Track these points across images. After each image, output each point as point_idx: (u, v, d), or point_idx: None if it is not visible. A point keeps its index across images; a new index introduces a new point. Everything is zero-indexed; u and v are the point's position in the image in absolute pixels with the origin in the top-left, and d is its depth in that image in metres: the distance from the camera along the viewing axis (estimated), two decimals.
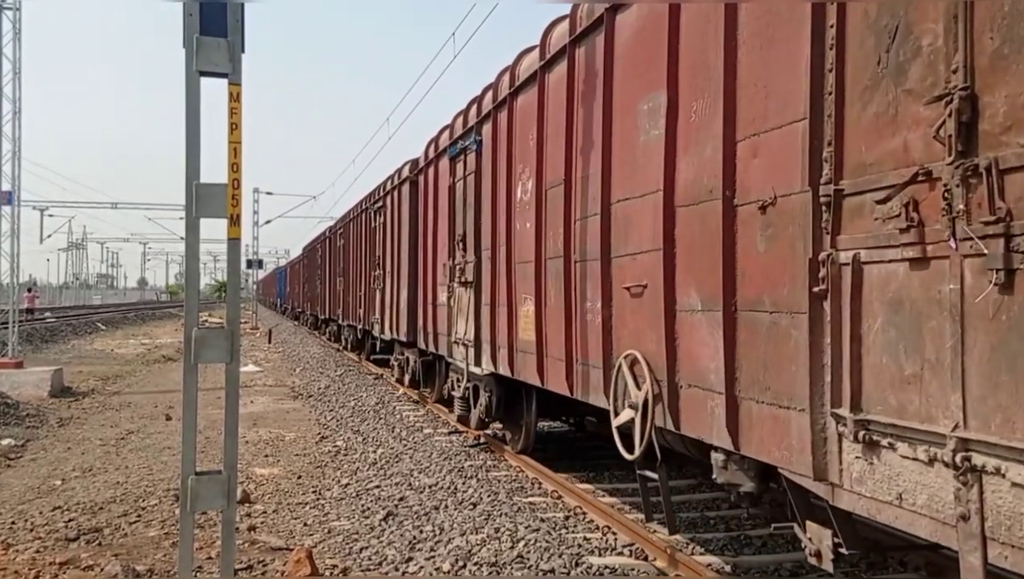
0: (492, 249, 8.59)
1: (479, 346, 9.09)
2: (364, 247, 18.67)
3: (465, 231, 9.75)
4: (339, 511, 7.10)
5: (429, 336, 11.81)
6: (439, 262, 11.15)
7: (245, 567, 5.61)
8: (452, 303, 10.19)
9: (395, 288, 14.41)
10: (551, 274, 6.87)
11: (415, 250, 13.01)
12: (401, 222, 13.98)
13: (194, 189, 4.15)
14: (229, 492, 4.21)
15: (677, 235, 4.84)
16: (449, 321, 10.36)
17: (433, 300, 11.43)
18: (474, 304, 9.21)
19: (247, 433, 10.92)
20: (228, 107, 4.24)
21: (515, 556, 5.73)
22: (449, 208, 10.53)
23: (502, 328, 8.20)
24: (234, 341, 4.14)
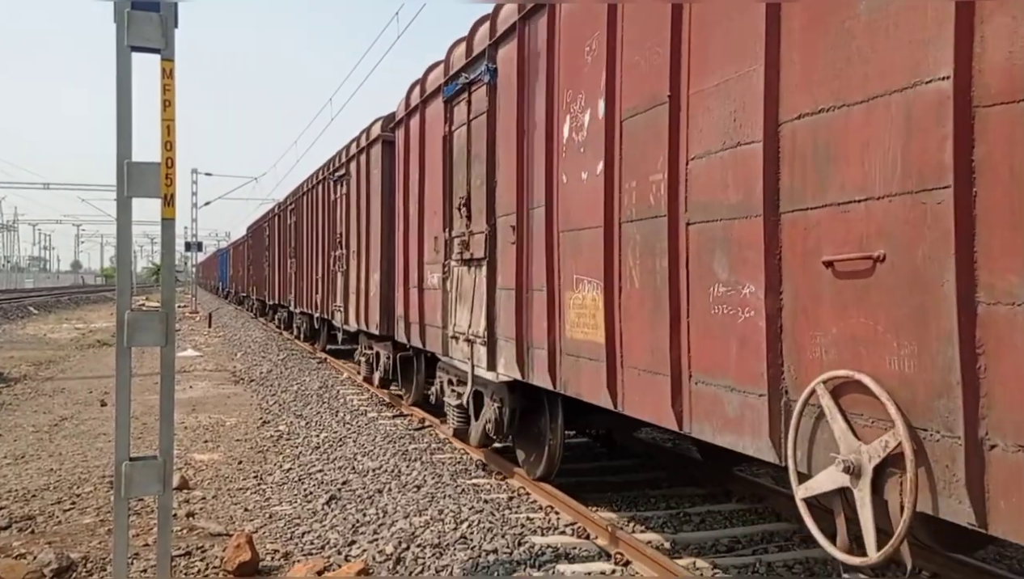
0: (519, 213, 6.35)
1: (493, 344, 6.97)
2: (322, 223, 16.34)
3: (469, 193, 7.52)
4: (281, 496, 7.03)
5: (412, 328, 9.58)
6: (427, 235, 8.99)
7: (183, 553, 5.52)
8: (449, 287, 8.10)
9: (363, 270, 12.35)
10: (634, 244, 4.80)
11: (390, 224, 10.89)
12: (371, 191, 11.83)
13: (126, 168, 4.04)
14: (165, 477, 4.14)
15: (983, 158, 2.76)
16: (444, 310, 8.23)
17: (419, 283, 9.28)
18: (486, 288, 7.02)
19: (186, 419, 10.73)
20: (161, 83, 4.13)
21: (458, 537, 5.75)
22: (444, 166, 8.25)
23: (536, 322, 6.11)
24: (169, 324, 4.06)
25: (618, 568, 5.19)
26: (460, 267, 7.77)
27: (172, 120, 4.14)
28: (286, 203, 22.84)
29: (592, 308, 5.24)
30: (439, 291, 8.46)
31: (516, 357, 6.38)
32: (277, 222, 24.77)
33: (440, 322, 8.39)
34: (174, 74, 4.14)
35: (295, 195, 20.77)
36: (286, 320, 24.86)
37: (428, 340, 9.01)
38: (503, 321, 6.75)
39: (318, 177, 16.74)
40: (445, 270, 8.18)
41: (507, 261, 6.64)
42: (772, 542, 5.79)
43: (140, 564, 5.30)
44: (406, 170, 9.94)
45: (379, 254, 11.29)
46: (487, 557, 5.40)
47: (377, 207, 11.47)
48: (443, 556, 5.41)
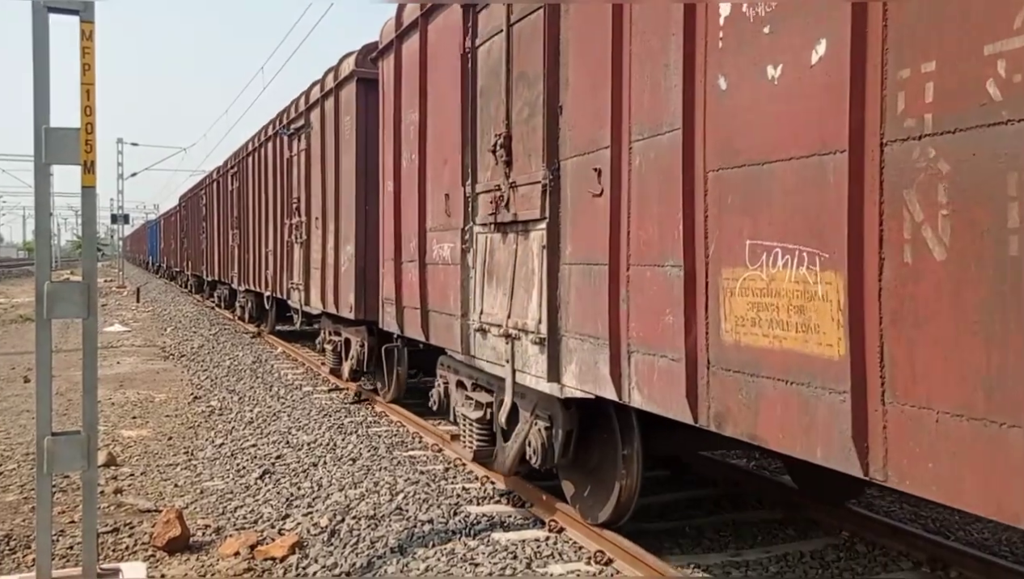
0: (615, 148, 4.27)
1: (556, 345, 4.86)
2: (273, 187, 14.05)
3: (509, 129, 5.43)
4: (212, 471, 6.93)
5: (406, 314, 7.56)
6: (432, 194, 6.87)
7: (111, 530, 5.41)
8: (471, 261, 6.08)
9: (330, 241, 10.24)
10: (935, 182, 2.66)
11: (369, 183, 8.94)
12: (341, 143, 9.77)
13: (44, 134, 3.91)
14: (89, 453, 4.06)
15: None
16: (462, 292, 6.18)
17: (418, 257, 7.11)
18: (543, 263, 4.95)
19: (113, 395, 10.47)
20: (80, 46, 3.99)
21: (394, 509, 5.76)
22: (464, 96, 6.12)
23: (648, 316, 4.05)
24: (91, 295, 3.95)
25: (552, 535, 5.27)
26: (491, 234, 5.69)
27: (92, 84, 4.01)
28: (226, 167, 20.05)
29: (798, 297, 3.18)
30: (453, 267, 6.32)
31: (609, 367, 4.22)
32: (216, 189, 22.09)
33: (455, 308, 6.27)
34: (94, 36, 4.00)
35: (237, 157, 18.20)
36: (227, 298, 22.54)
37: (434, 331, 6.86)
38: (575, 311, 4.62)
39: (267, 133, 14.39)
40: (465, 239, 6.09)
41: (585, 221, 4.54)
42: (700, 506, 5.95)
43: (66, 541, 5.18)
44: (397, 110, 7.68)
45: (352, 221, 9.31)
46: (423, 527, 5.43)
47: (350, 163, 9.36)
48: (378, 527, 5.42)
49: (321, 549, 5.07)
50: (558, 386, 4.88)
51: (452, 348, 6.51)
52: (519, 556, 4.89)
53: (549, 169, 4.85)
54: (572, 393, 4.79)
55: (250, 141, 16.44)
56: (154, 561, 4.95)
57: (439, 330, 6.79)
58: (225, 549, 5.12)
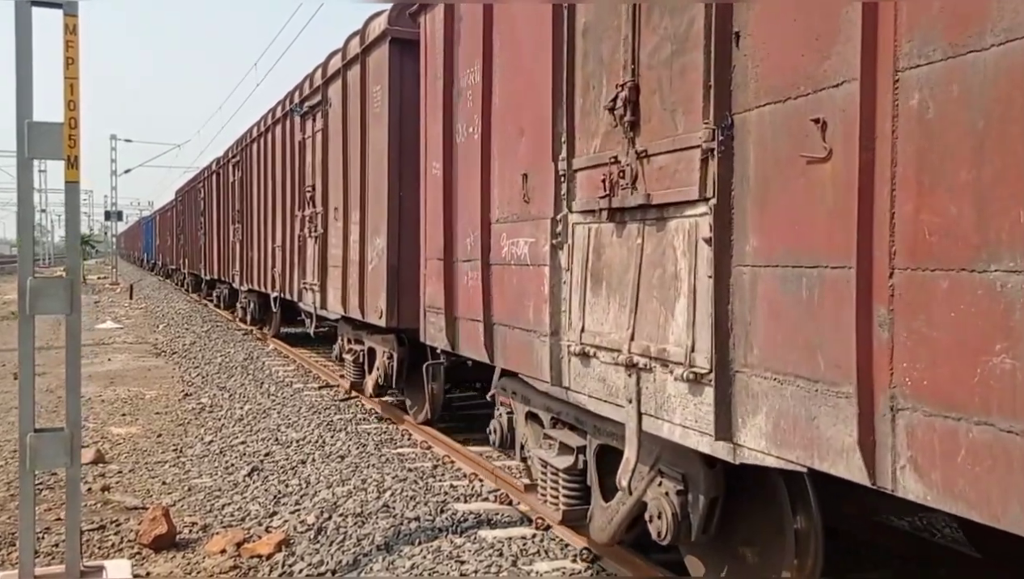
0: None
1: (726, 384, 3.33)
2: (282, 175, 12.42)
3: (673, 60, 3.68)
4: (201, 469, 6.91)
5: (461, 326, 5.97)
6: (502, 174, 5.33)
7: (97, 527, 5.39)
8: (567, 261, 4.54)
9: (353, 235, 8.68)
10: None
11: (402, 164, 7.51)
12: (367, 119, 8.26)
13: (26, 128, 3.88)
14: (73, 450, 4.05)
15: None
16: (551, 303, 4.62)
17: (480, 254, 5.52)
18: (700, 265, 3.46)
19: (104, 392, 10.43)
20: (63, 40, 3.97)
21: (381, 506, 5.75)
22: (559, 37, 4.62)
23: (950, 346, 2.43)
24: (74, 291, 3.94)
25: (538, 532, 5.27)
26: (598, 224, 4.22)
27: (76, 79, 3.99)
28: (227, 157, 18.36)
29: None
30: (535, 269, 4.83)
31: (858, 431, 2.67)
32: (215, 181, 20.23)
33: (537, 323, 4.77)
34: (78, 30, 3.98)
35: (240, 144, 16.49)
36: (227, 298, 20.87)
37: (503, 351, 5.35)
38: (766, 337, 3.11)
39: (275, 116, 12.81)
40: (556, 232, 4.59)
41: (787, 202, 3.02)
42: None
43: (51, 539, 5.16)
44: (448, 73, 6.08)
45: (383, 210, 7.68)
46: (409, 525, 5.42)
47: (380, 141, 7.78)
48: (365, 525, 5.40)
49: (307, 547, 5.06)
50: (729, 446, 3.28)
51: (534, 375, 4.85)
52: (505, 554, 4.89)
53: (718, 126, 3.29)
54: (761, 461, 3.16)
55: (255, 126, 14.75)
56: (140, 558, 4.93)
57: (512, 350, 5.17)
58: (211, 547, 5.10)
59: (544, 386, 4.80)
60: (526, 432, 5.46)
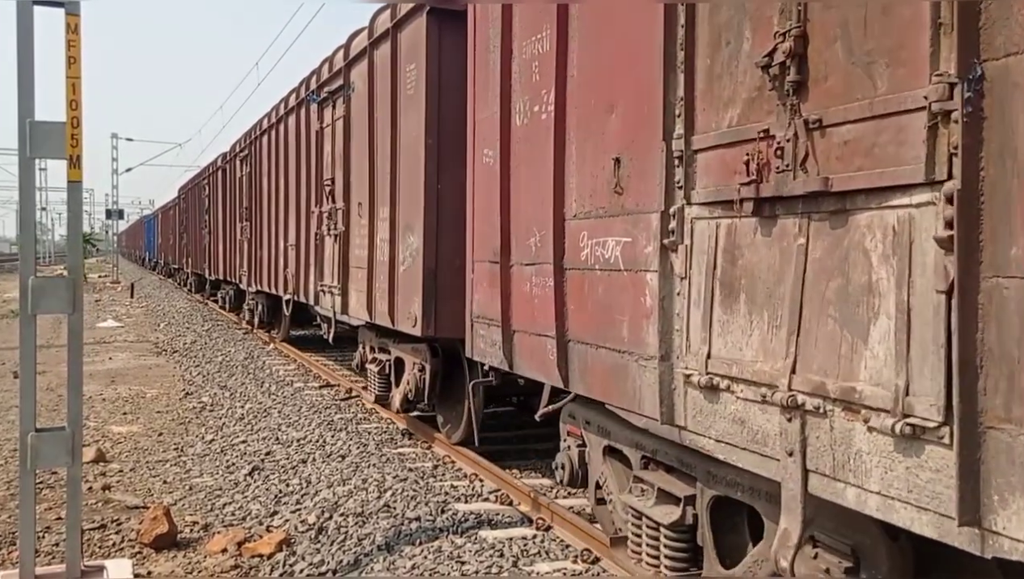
0: None
1: (980, 448, 2.34)
2: (296, 169, 11.47)
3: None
4: (202, 468, 6.91)
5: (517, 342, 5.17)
6: (583, 161, 4.44)
7: (98, 526, 5.39)
8: (685, 267, 3.61)
9: (380, 232, 7.79)
10: None
11: (441, 152, 6.65)
12: (399, 103, 7.28)
13: (28, 127, 3.88)
14: (73, 449, 4.05)
15: None
16: (661, 319, 3.72)
17: (554, 257, 4.62)
18: (946, 279, 2.41)
19: (105, 390, 10.43)
20: (65, 39, 3.97)
21: (382, 506, 5.75)
22: None
23: None
24: (76, 290, 3.93)
25: (539, 532, 5.26)
26: (734, 219, 3.33)
27: (78, 78, 3.98)
28: (234, 152, 17.37)
29: None
30: (633, 276, 3.91)
31: None
32: (221, 177, 19.26)
33: (637, 343, 3.86)
34: (80, 29, 3.98)
35: (249, 138, 15.58)
36: (233, 299, 19.88)
37: (584, 376, 4.37)
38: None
39: (288, 105, 11.95)
40: (668, 229, 3.66)
41: None
42: None
43: (52, 538, 5.16)
44: (505, 42, 5.25)
45: (418, 205, 6.75)
46: (410, 525, 5.42)
47: (415, 127, 6.87)
48: (366, 525, 5.40)
49: (308, 546, 5.06)
50: (974, 534, 2.34)
51: (629, 408, 3.94)
52: (506, 554, 4.89)
53: (963, 79, 2.35)
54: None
55: (265, 117, 13.85)
56: (140, 558, 4.93)
57: (596, 375, 4.22)
58: (212, 546, 5.10)
59: (644, 422, 3.85)
60: (605, 471, 4.71)
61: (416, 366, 7.48)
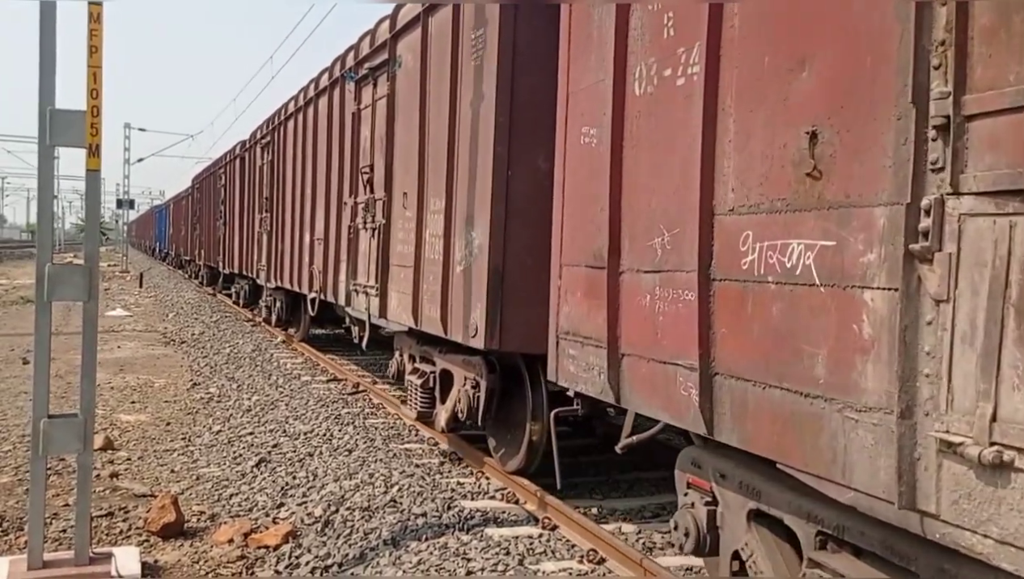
0: None
1: None
2: (326, 156, 10.42)
3: None
4: (209, 458, 6.94)
5: (628, 368, 4.21)
6: (748, 138, 3.41)
7: (106, 514, 5.42)
8: (947, 286, 2.50)
9: (431, 226, 6.74)
10: None
11: (514, 133, 5.68)
12: (460, 76, 6.27)
13: (48, 115, 3.91)
14: (85, 436, 4.07)
15: None
16: (904, 358, 2.60)
17: (698, 266, 3.62)
18: None
19: (113, 379, 10.48)
20: (88, 28, 3.98)
21: (388, 501, 5.76)
22: None
23: None
24: (92, 278, 3.95)
25: (545, 532, 5.27)
26: None
27: (99, 67, 4.00)
28: (254, 139, 16.46)
29: None
30: (846, 293, 2.88)
31: None
32: (239, 166, 18.31)
33: (848, 389, 2.85)
34: (102, 19, 4.00)
35: (271, 124, 14.71)
36: (248, 294, 19.06)
37: (747, 424, 3.35)
38: None
39: (318, 86, 11.00)
40: (918, 231, 2.60)
41: None
42: None
43: (59, 524, 5.19)
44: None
45: (484, 195, 5.77)
46: (416, 520, 5.43)
47: (483, 104, 5.86)
48: (372, 519, 5.42)
49: (314, 539, 5.07)
50: None
51: (832, 477, 2.90)
52: (512, 552, 4.90)
53: None
54: None
55: (291, 100, 12.93)
56: (148, 546, 4.96)
57: (767, 425, 3.21)
58: (219, 536, 5.13)
59: (850, 498, 2.82)
60: (750, 542, 3.63)
61: (468, 382, 6.45)
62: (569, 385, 4.72)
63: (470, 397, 6.35)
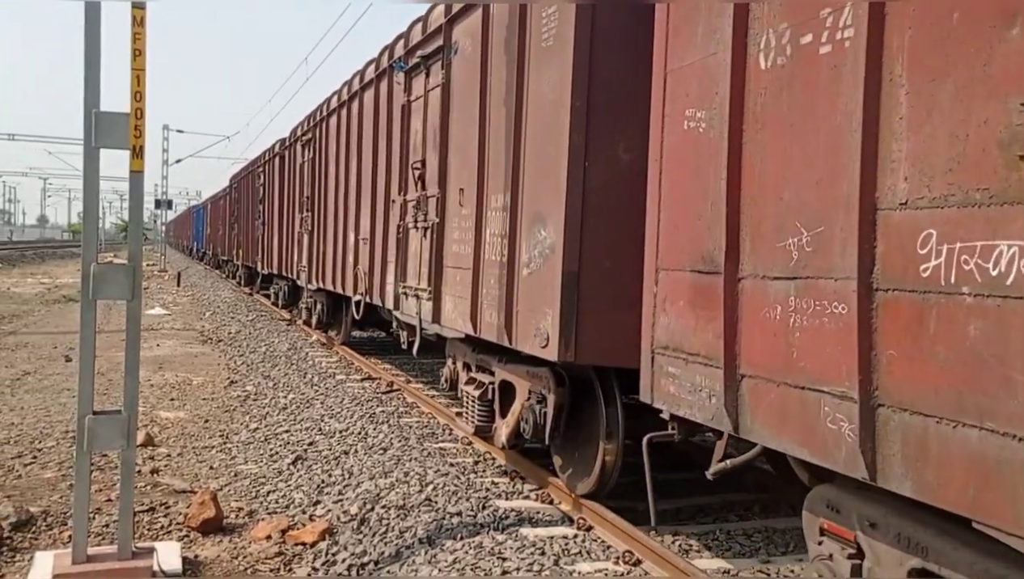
0: None
1: None
2: (372, 152, 9.98)
3: None
4: (247, 455, 7.02)
5: (751, 393, 3.62)
6: (949, 108, 2.73)
7: (147, 509, 5.51)
8: None
9: (492, 225, 6.23)
10: None
11: (592, 121, 5.13)
12: (527, 59, 5.77)
13: (93, 117, 3.98)
14: (128, 432, 4.13)
15: None
16: None
17: (858, 273, 3.02)
18: None
19: (152, 376, 10.65)
20: (131, 32, 4.05)
21: (423, 499, 5.79)
22: None
23: None
24: (136, 277, 4.02)
25: (580, 533, 5.26)
26: None
27: (143, 70, 4.07)
28: (294, 136, 16.07)
29: None
30: None
31: None
32: (278, 165, 18.01)
33: None
34: (145, 22, 4.06)
35: (312, 120, 14.32)
36: (287, 295, 18.80)
37: (941, 478, 2.70)
38: None
39: (364, 79, 10.58)
40: None
41: None
42: (732, 511, 5.90)
43: (102, 519, 5.28)
44: None
45: (557, 190, 5.14)
46: (451, 519, 5.45)
47: (555, 88, 5.29)
48: (407, 518, 5.45)
49: (351, 537, 5.11)
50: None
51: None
52: (547, 553, 4.89)
53: None
54: None
55: (334, 96, 12.49)
56: (188, 541, 5.03)
57: (962, 474, 2.62)
58: (257, 532, 5.19)
59: None
60: None
61: (533, 396, 5.94)
62: (667, 407, 4.13)
63: (536, 413, 5.86)
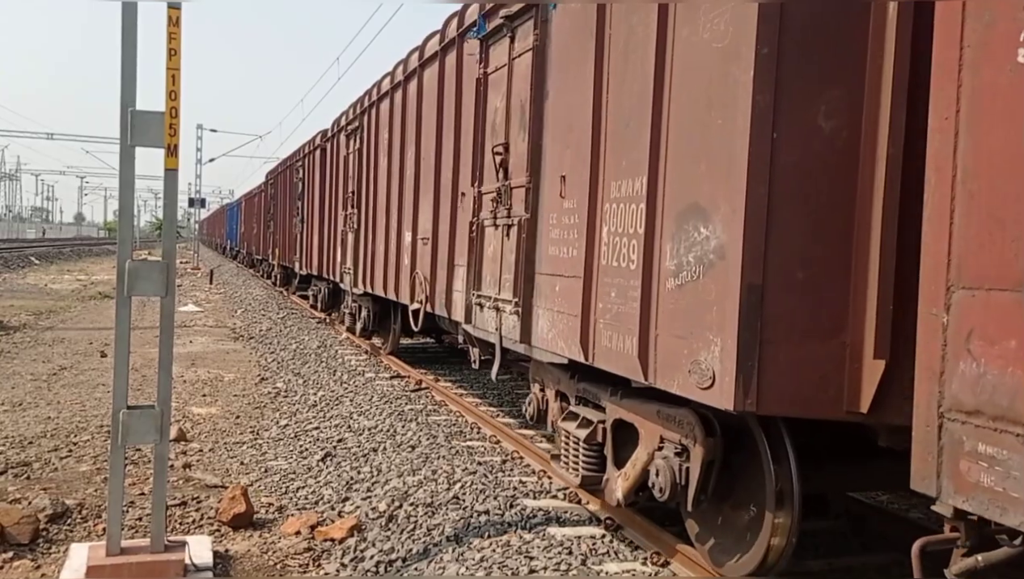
0: None
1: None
2: (431, 141, 8.65)
3: None
4: (277, 451, 7.09)
5: None
6: None
7: (179, 503, 5.58)
8: None
9: (610, 225, 4.76)
10: None
11: (779, 83, 3.56)
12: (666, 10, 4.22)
13: (129, 116, 4.04)
14: (162, 427, 4.18)
15: None
16: None
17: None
18: None
19: (185, 373, 10.78)
20: (167, 32, 4.10)
21: (451, 497, 5.80)
22: None
23: None
24: (169, 274, 4.07)
25: (608, 533, 5.24)
26: None
27: (178, 69, 4.12)
28: (338, 126, 14.71)
29: None
30: None
31: None
32: (319, 158, 16.70)
33: None
34: (180, 22, 4.11)
35: (359, 107, 12.77)
36: (327, 298, 17.54)
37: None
38: None
39: (423, 55, 9.14)
40: None
41: None
42: None
43: (135, 512, 5.36)
44: None
45: (728, 168, 3.70)
46: (479, 518, 5.46)
47: (720, 34, 3.80)
48: (435, 515, 5.47)
49: (379, 533, 5.14)
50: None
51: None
52: (575, 552, 4.88)
53: None
54: None
55: (386, 77, 10.98)
56: (219, 535, 5.09)
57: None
58: (287, 528, 5.24)
59: None
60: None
61: (669, 445, 4.52)
62: (982, 513, 2.56)
63: (675, 468, 4.41)
